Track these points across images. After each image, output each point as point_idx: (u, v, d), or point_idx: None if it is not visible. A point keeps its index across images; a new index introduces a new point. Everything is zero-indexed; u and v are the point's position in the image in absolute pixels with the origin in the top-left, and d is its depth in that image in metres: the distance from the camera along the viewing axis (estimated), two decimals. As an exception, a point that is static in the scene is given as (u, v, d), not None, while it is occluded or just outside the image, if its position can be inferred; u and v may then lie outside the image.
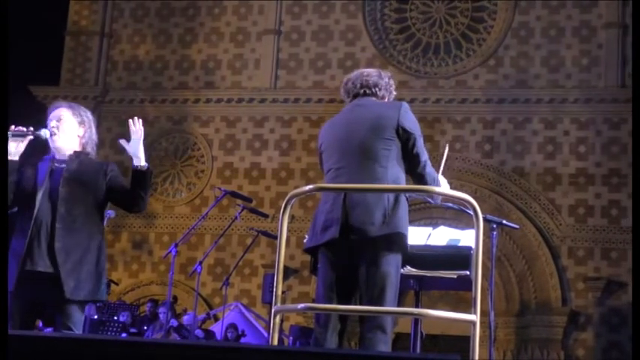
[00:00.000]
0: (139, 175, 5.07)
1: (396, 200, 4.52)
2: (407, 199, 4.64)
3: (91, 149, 5.20)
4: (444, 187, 4.80)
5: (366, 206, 4.49)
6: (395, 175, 4.60)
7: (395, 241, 4.51)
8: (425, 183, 4.68)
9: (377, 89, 4.87)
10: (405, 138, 4.64)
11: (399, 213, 4.51)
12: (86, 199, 4.99)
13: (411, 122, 4.69)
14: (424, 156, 4.70)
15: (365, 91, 4.87)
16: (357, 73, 4.99)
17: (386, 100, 4.92)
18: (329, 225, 4.55)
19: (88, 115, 5.27)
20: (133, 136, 5.09)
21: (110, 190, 5.10)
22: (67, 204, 4.92)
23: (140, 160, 5.08)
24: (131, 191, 5.10)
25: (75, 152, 5.10)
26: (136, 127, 5.10)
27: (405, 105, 4.75)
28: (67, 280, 4.82)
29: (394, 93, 5.00)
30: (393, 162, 4.61)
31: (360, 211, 4.50)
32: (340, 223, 4.51)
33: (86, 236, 4.95)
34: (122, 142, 5.14)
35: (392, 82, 4.99)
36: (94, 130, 5.26)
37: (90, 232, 4.97)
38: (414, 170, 4.70)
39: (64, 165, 5.03)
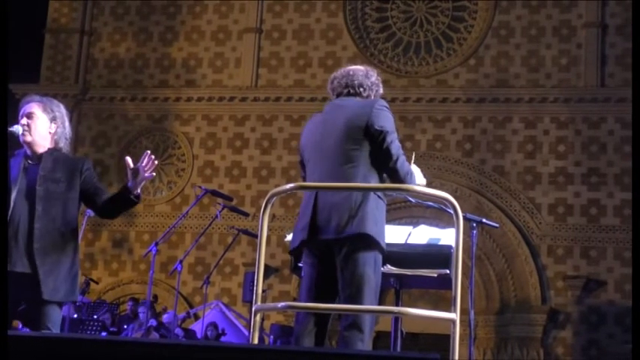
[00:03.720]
0: (129, 199, 4.95)
1: (364, 199, 4.51)
2: (380, 196, 4.61)
3: (63, 144, 5.06)
4: (417, 176, 4.78)
5: (332, 206, 4.50)
6: (363, 174, 4.57)
7: (366, 239, 4.49)
8: (398, 177, 4.63)
9: (362, 89, 4.83)
10: (375, 136, 4.60)
11: (367, 210, 4.49)
12: (62, 198, 4.91)
13: (382, 119, 4.63)
14: (395, 150, 4.62)
15: (349, 91, 4.84)
16: (343, 71, 4.94)
17: (371, 99, 4.90)
18: (303, 227, 4.59)
19: (61, 110, 5.11)
20: (143, 171, 4.88)
21: (83, 190, 5.00)
22: (44, 203, 4.84)
23: (137, 188, 4.95)
24: (111, 203, 5.01)
25: (49, 149, 4.99)
26: (149, 164, 4.91)
27: (380, 103, 4.70)
28: (45, 281, 4.75)
29: (381, 91, 4.96)
30: (363, 161, 4.59)
31: (326, 212, 4.51)
32: (309, 225, 4.53)
33: (63, 237, 4.87)
34: (129, 161, 4.97)
35: (378, 80, 4.94)
36: (66, 124, 5.10)
37: (66, 232, 4.90)
38: (386, 166, 4.65)
39: (38, 163, 4.94)
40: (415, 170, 4.81)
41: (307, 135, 4.85)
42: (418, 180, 4.76)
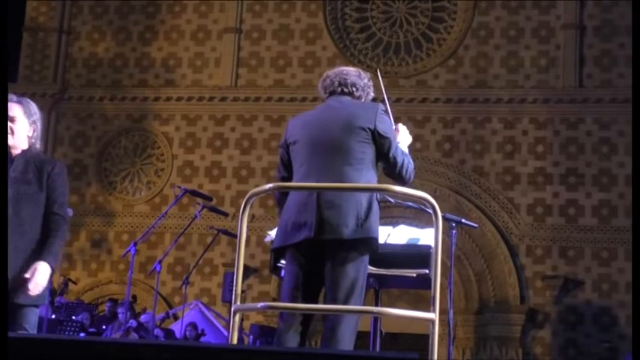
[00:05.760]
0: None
1: (369, 203, 4.52)
2: (378, 202, 4.65)
3: (38, 145, 5.03)
4: (404, 139, 4.94)
5: (340, 208, 4.48)
6: (367, 179, 4.59)
7: (366, 245, 4.52)
8: (404, 182, 4.72)
9: (354, 89, 4.87)
10: (380, 142, 4.65)
11: (372, 217, 4.52)
12: (33, 200, 4.85)
13: (386, 125, 4.71)
14: (400, 158, 4.71)
15: (342, 89, 4.86)
16: (336, 70, 4.98)
17: (362, 100, 4.92)
18: (302, 224, 4.53)
19: (38, 112, 5.06)
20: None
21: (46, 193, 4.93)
22: (14, 204, 4.78)
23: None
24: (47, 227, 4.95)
25: (22, 151, 4.94)
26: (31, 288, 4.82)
27: (381, 107, 4.76)
28: (12, 284, 4.72)
29: (372, 95, 4.99)
30: (367, 165, 4.61)
31: (333, 212, 4.48)
32: (315, 223, 4.50)
33: (32, 240, 4.81)
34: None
35: (370, 83, 4.99)
36: (40, 125, 5.05)
37: (36, 234, 4.84)
38: (392, 171, 4.72)
39: (10, 164, 4.88)
40: (403, 134, 4.96)
41: (300, 127, 4.79)
42: (406, 143, 4.94)
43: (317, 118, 4.78)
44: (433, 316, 3.69)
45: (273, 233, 4.86)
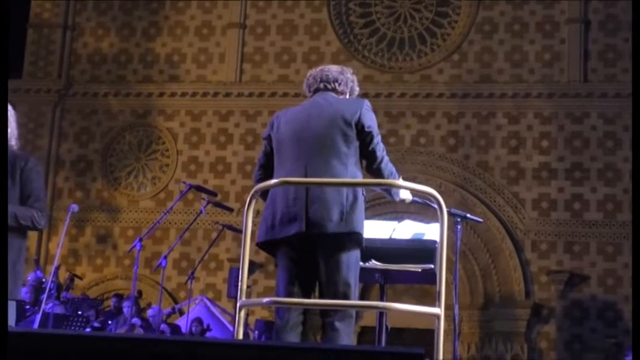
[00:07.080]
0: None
1: (354, 198, 4.55)
2: (364, 195, 4.66)
3: (13, 142, 4.97)
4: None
5: (325, 202, 4.52)
6: (353, 173, 4.62)
7: (352, 238, 4.55)
8: (382, 177, 4.71)
9: (336, 84, 4.90)
10: (363, 136, 4.67)
11: (357, 211, 4.55)
12: (8, 195, 4.81)
13: (370, 120, 4.72)
14: (381, 152, 4.71)
15: (325, 86, 4.89)
16: (318, 68, 5.04)
17: (347, 95, 4.94)
18: (293, 219, 4.55)
19: (10, 110, 5.03)
20: None
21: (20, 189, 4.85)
22: None
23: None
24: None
25: None
26: None
27: (367, 103, 4.78)
28: None
29: (357, 89, 5.02)
30: (352, 160, 4.64)
31: (318, 206, 4.52)
32: (305, 217, 4.51)
33: (6, 234, 4.75)
34: None
35: (354, 77, 5.02)
36: (13, 122, 5.00)
37: (11, 230, 4.76)
38: (370, 166, 4.74)
39: None
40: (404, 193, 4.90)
41: (285, 126, 4.81)
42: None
43: (302, 114, 4.81)
44: (438, 311, 3.69)
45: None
